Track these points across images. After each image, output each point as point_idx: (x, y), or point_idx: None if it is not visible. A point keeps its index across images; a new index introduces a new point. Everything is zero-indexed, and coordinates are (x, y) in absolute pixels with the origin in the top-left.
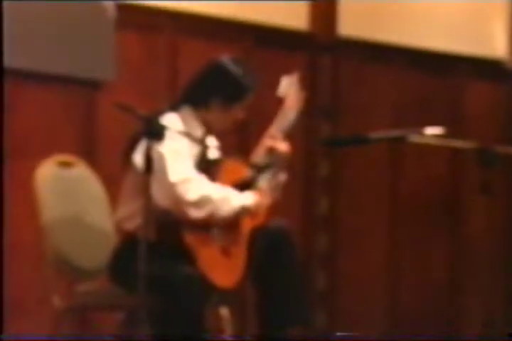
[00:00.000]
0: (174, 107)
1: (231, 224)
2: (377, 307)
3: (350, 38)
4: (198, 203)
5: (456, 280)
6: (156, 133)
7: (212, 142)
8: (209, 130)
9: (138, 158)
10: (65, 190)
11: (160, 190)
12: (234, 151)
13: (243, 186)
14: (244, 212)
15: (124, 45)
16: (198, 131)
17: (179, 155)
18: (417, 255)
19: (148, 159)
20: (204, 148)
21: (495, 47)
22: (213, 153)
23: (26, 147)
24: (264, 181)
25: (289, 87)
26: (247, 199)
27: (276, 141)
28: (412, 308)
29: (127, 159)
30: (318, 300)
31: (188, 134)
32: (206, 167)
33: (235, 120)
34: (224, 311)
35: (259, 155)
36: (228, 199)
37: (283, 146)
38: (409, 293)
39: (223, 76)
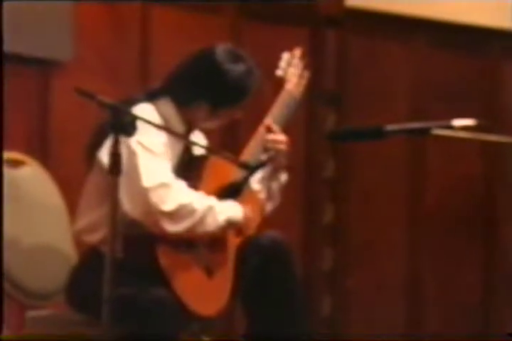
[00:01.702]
0: (150, 97)
1: (215, 238)
2: (393, 335)
3: (360, 9)
4: (176, 214)
5: (491, 302)
6: (126, 125)
7: (198, 139)
8: (192, 127)
9: (104, 155)
10: (12, 194)
11: (129, 196)
12: (222, 146)
13: (232, 190)
14: (231, 226)
15: (84, 18)
16: (179, 127)
17: (154, 153)
18: (443, 272)
19: (116, 157)
20: (188, 144)
21: None
22: (199, 151)
23: None
24: (258, 186)
25: (289, 65)
26: (236, 211)
27: (272, 133)
28: (437, 337)
29: (91, 157)
30: (323, 326)
31: (166, 128)
32: (190, 167)
33: (226, 121)
34: None
35: (252, 151)
36: (212, 211)
37: (281, 140)
38: (433, 319)
39: (217, 77)
